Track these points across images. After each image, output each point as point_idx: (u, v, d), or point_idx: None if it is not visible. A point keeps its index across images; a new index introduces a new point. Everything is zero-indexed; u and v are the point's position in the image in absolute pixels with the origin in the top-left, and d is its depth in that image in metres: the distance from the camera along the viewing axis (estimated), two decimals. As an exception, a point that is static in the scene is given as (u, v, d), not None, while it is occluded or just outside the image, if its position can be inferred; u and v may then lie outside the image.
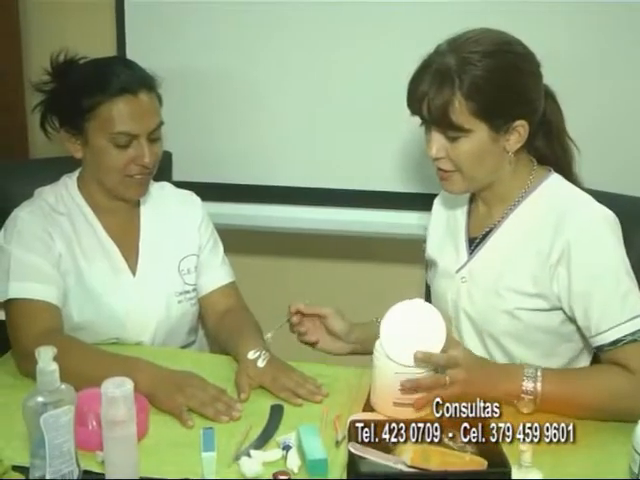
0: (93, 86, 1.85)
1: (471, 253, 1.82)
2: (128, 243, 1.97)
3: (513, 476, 1.37)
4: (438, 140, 1.68)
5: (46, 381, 1.36)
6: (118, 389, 1.37)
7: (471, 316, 1.80)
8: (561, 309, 1.73)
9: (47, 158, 2.36)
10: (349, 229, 2.63)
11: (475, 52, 1.63)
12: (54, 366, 1.36)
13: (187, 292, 2.02)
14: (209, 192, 2.25)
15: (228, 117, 2.58)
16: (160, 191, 2.05)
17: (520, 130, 1.68)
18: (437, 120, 1.65)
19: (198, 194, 2.11)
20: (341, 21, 2.45)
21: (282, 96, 2.55)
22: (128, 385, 1.38)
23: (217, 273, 2.06)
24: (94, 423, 1.56)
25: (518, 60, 1.67)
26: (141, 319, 1.96)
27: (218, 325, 2.01)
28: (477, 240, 1.82)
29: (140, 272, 1.97)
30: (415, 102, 1.67)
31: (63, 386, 1.38)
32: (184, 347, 2.05)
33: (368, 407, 1.66)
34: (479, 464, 1.39)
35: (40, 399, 1.35)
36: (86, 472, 1.43)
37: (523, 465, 1.42)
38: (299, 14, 2.47)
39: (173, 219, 2.03)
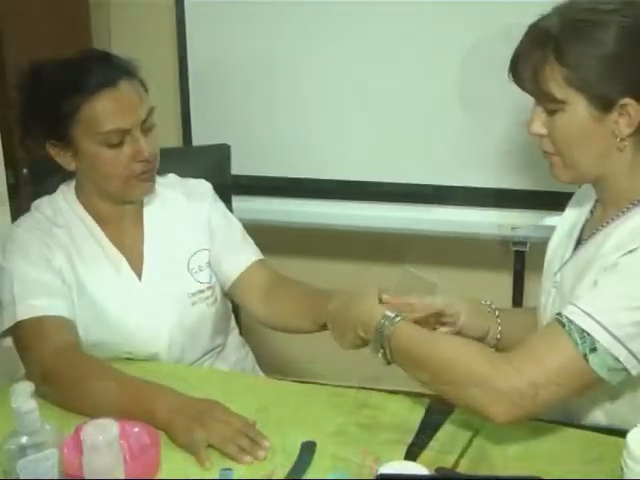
0: (68, 88, 1.67)
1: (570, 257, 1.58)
2: (133, 248, 1.81)
3: None
4: (539, 114, 1.49)
5: (24, 422, 1.20)
6: (101, 435, 1.19)
7: None
8: None
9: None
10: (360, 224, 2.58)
11: (580, 17, 1.42)
12: (32, 405, 1.21)
13: (201, 292, 1.83)
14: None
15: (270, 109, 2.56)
16: (164, 184, 1.87)
17: (630, 110, 1.41)
18: (526, 85, 1.48)
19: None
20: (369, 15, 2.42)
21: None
22: (113, 429, 1.21)
23: (241, 253, 1.88)
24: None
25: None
26: (152, 327, 1.78)
27: (269, 299, 1.83)
28: (581, 243, 1.58)
29: (146, 276, 1.80)
30: (510, 67, 1.50)
31: (47, 426, 1.23)
32: (210, 352, 1.88)
33: (410, 454, 1.40)
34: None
35: (19, 441, 1.20)
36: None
37: None
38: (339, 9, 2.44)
39: (179, 214, 1.86)
